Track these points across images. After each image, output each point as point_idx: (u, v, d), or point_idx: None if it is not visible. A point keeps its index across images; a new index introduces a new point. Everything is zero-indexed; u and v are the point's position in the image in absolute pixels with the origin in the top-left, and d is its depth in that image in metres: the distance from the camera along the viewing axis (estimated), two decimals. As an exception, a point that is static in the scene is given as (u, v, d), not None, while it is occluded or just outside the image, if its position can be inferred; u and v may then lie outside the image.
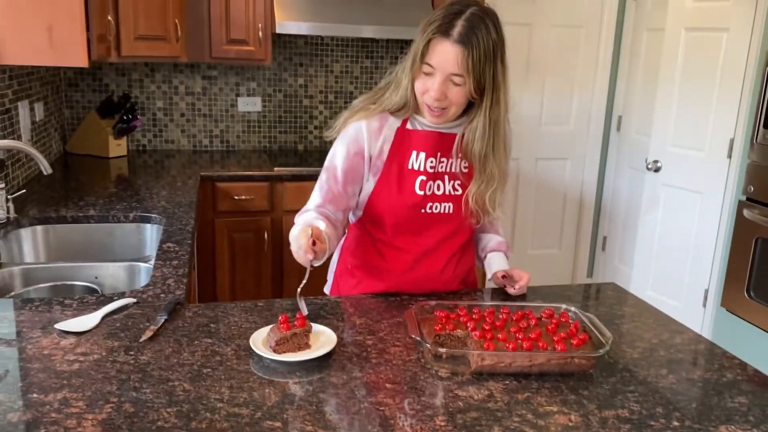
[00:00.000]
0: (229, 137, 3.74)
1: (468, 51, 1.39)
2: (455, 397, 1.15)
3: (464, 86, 1.44)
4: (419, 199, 1.57)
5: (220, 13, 3.21)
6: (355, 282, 1.69)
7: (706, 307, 3.33)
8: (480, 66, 1.41)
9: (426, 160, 1.56)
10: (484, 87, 1.45)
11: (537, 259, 4.46)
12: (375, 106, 1.56)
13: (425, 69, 1.45)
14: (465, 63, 1.40)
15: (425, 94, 1.47)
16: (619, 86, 4.21)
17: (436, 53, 1.42)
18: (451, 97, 1.46)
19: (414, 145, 1.56)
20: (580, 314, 1.40)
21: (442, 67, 1.42)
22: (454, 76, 1.43)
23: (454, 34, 1.39)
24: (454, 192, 1.59)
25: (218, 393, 1.12)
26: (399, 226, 1.61)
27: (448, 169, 1.58)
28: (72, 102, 3.49)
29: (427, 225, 1.60)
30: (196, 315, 1.44)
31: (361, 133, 1.55)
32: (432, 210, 1.59)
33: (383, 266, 1.65)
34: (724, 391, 1.22)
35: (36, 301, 1.48)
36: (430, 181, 1.57)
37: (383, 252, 1.65)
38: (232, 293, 3.23)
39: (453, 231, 1.63)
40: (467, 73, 1.41)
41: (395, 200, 1.57)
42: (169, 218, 2.23)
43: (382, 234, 1.63)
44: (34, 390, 1.11)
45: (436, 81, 1.44)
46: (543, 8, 4.02)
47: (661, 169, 3.42)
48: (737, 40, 3.03)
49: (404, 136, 1.56)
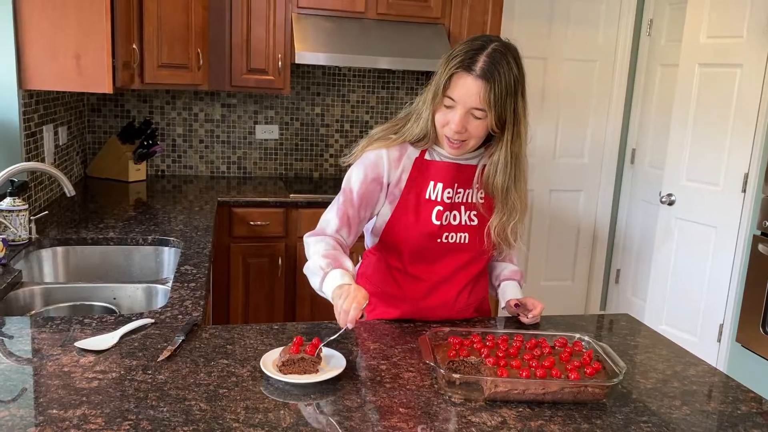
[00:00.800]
0: (246, 164, 3.80)
1: (490, 86, 1.42)
2: (468, 423, 1.16)
3: (485, 120, 1.47)
4: (436, 228, 1.58)
5: (240, 43, 3.29)
6: (371, 308, 1.71)
7: (720, 342, 3.29)
8: (502, 101, 1.44)
9: (444, 191, 1.58)
10: (505, 121, 1.48)
11: (550, 290, 4.45)
12: (396, 137, 1.58)
13: (447, 102, 1.47)
14: (487, 98, 1.42)
15: (445, 127, 1.50)
16: (633, 119, 4.24)
17: (458, 87, 1.45)
18: (471, 130, 1.48)
19: (432, 176, 1.58)
20: (593, 344, 1.40)
21: (463, 101, 1.45)
22: (475, 110, 1.45)
23: (477, 69, 1.42)
24: (470, 222, 1.61)
25: (233, 413, 1.14)
26: (415, 255, 1.62)
27: (465, 199, 1.61)
28: (94, 127, 3.57)
29: (442, 254, 1.62)
30: (213, 336, 1.46)
31: (381, 160, 1.57)
32: (448, 240, 1.60)
33: (398, 294, 1.66)
34: (738, 423, 1.22)
35: (56, 320, 1.51)
36: (447, 211, 1.59)
37: (398, 280, 1.66)
38: (245, 317, 3.25)
39: (468, 261, 1.64)
40: (489, 107, 1.44)
41: (412, 229, 1.59)
42: (187, 242, 2.26)
43: (397, 262, 1.65)
44: (54, 406, 1.13)
45: (457, 114, 1.46)
46: (558, 42, 4.08)
47: (675, 202, 3.42)
48: (751, 75, 3.05)
49: (423, 166, 1.59)
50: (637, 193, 4.24)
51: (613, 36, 4.16)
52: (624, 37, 4.14)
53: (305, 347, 1.30)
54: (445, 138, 1.52)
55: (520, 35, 3.96)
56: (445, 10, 3.49)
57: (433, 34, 3.46)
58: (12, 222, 2.05)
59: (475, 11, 3.52)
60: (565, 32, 4.08)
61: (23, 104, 2.42)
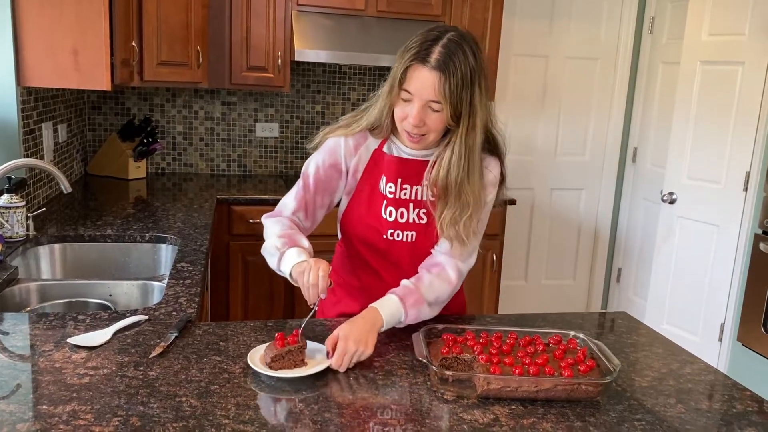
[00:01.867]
0: (246, 162, 3.80)
1: (445, 77, 1.38)
2: (460, 420, 1.15)
3: (442, 113, 1.43)
4: (384, 223, 1.58)
5: (240, 41, 3.28)
6: (336, 299, 1.72)
7: (722, 341, 3.28)
8: (458, 92, 1.40)
9: (386, 185, 1.57)
10: (461, 113, 1.43)
11: (551, 289, 4.44)
12: (355, 125, 1.58)
13: (404, 96, 1.45)
14: (442, 89, 1.39)
15: (404, 121, 1.47)
16: (635, 118, 4.22)
17: (413, 80, 1.42)
18: (430, 123, 1.45)
19: (383, 170, 1.58)
20: (588, 341, 1.39)
21: (419, 94, 1.42)
22: (432, 102, 1.42)
23: (432, 61, 1.39)
24: (419, 220, 1.58)
25: (224, 410, 1.13)
26: (368, 247, 1.63)
27: (413, 196, 1.57)
28: (94, 125, 3.57)
29: (390, 251, 1.61)
30: (206, 333, 1.46)
31: (339, 147, 1.58)
32: (394, 237, 1.59)
33: (357, 284, 1.68)
34: (733, 422, 1.21)
35: (50, 316, 1.51)
36: (391, 207, 1.57)
37: (357, 270, 1.68)
38: (244, 315, 3.24)
39: (415, 260, 1.60)
40: (444, 99, 1.40)
41: (363, 221, 1.60)
42: (185, 239, 2.26)
43: (355, 252, 1.67)
44: (44, 402, 1.12)
45: (415, 107, 1.43)
46: (559, 40, 4.06)
47: (677, 201, 3.41)
48: (753, 73, 3.04)
49: (379, 158, 1.59)
50: (638, 192, 4.22)
51: (615, 34, 4.14)
52: (626, 34, 4.13)
53: (287, 339, 1.31)
54: (405, 132, 1.50)
55: (522, 33, 3.95)
56: (446, 8, 3.48)
57: (433, 31, 3.44)
58: (9, 219, 2.05)
59: (476, 9, 3.51)
60: (567, 30, 4.06)
61: (22, 101, 2.42)
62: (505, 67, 3.89)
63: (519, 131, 4.13)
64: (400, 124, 1.49)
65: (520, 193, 4.09)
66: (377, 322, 1.41)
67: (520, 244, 4.29)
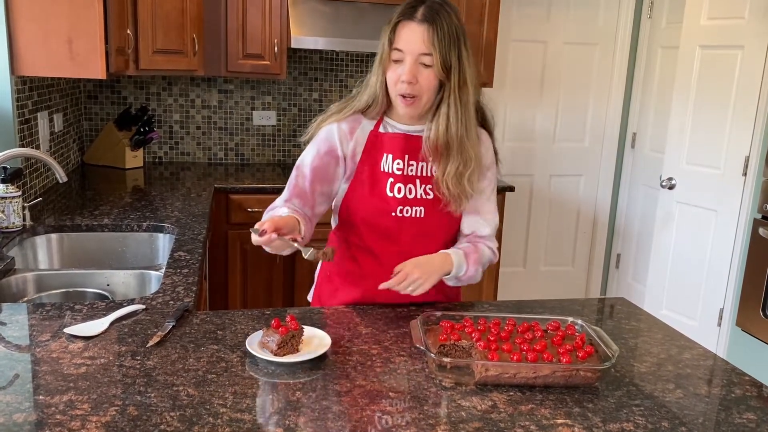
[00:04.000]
0: (243, 150, 3.78)
1: (433, 28, 1.46)
2: (458, 407, 1.15)
3: (433, 68, 1.48)
4: (391, 200, 1.59)
5: (236, 28, 3.25)
6: (334, 288, 1.72)
7: (720, 326, 3.28)
8: (446, 43, 1.47)
9: (394, 162, 1.59)
10: (450, 66, 1.49)
11: (550, 275, 4.44)
12: (347, 109, 1.61)
13: (395, 56, 1.50)
14: (431, 39, 1.46)
15: (398, 84, 1.51)
16: (634, 103, 4.20)
17: (403, 35, 1.48)
18: (422, 81, 1.49)
19: (385, 148, 1.60)
20: (586, 327, 1.39)
21: (410, 49, 1.48)
22: (423, 56, 1.47)
23: (419, 15, 1.48)
24: (426, 196, 1.60)
25: (222, 398, 1.13)
26: (371, 229, 1.62)
27: (420, 173, 1.60)
28: (91, 114, 3.55)
29: (398, 229, 1.61)
30: (204, 322, 1.45)
31: (332, 134, 1.60)
32: (403, 214, 1.60)
33: (357, 271, 1.67)
34: (732, 407, 1.21)
35: (47, 306, 1.50)
36: (400, 183, 1.59)
37: (357, 257, 1.67)
38: (243, 304, 3.24)
39: (426, 236, 1.62)
40: (434, 49, 1.46)
41: (367, 202, 1.60)
42: (182, 228, 2.25)
43: (356, 238, 1.66)
44: (41, 392, 1.12)
45: (407, 63, 1.48)
46: (557, 25, 4.03)
47: (676, 186, 3.40)
48: (752, 57, 3.02)
49: (376, 139, 1.60)
50: (637, 178, 4.21)
51: (614, 19, 4.11)
52: (624, 19, 4.10)
53: (288, 324, 1.30)
54: (398, 98, 1.52)
55: (520, 18, 3.92)
56: (443, -7, 3.44)
57: (430, 17, 3.41)
58: (5, 209, 2.04)
59: (473, -6, 3.48)
60: (565, 15, 4.03)
61: (16, 91, 2.40)
62: (504, 52, 3.86)
63: (517, 117, 4.11)
64: (394, 89, 1.52)
65: (518, 179, 4.07)
66: (446, 266, 1.53)
67: (518, 231, 4.29)
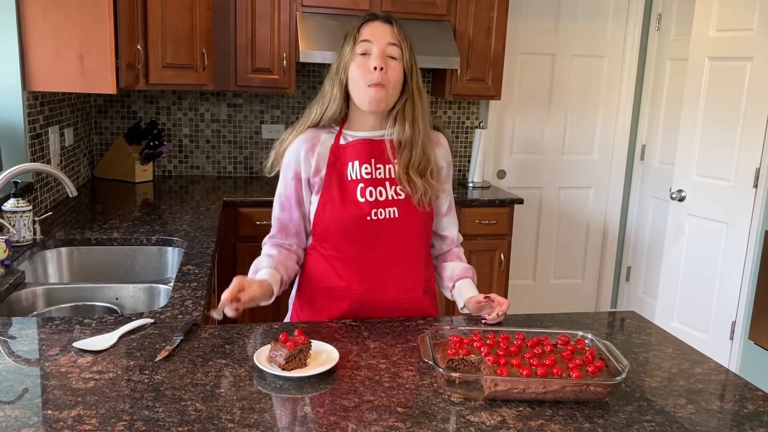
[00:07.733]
0: (252, 164, 3.80)
1: (397, 27, 1.58)
2: (467, 422, 1.14)
3: (400, 61, 1.56)
4: (363, 205, 1.59)
5: (245, 43, 3.28)
6: (315, 309, 1.70)
7: (733, 339, 3.25)
8: (407, 42, 1.58)
9: (361, 167, 1.61)
10: (412, 68, 1.58)
11: (560, 288, 4.42)
12: (300, 127, 1.65)
13: (362, 48, 1.55)
14: (396, 34, 1.56)
15: (367, 75, 1.53)
16: (643, 115, 4.19)
17: (369, 30, 1.57)
18: (390, 73, 1.54)
19: (349, 157, 1.62)
20: (596, 341, 1.38)
21: (378, 39, 1.55)
22: (390, 46, 1.55)
23: (381, 17, 1.59)
24: (397, 197, 1.62)
25: (229, 413, 1.12)
26: (348, 238, 1.62)
27: (388, 174, 1.63)
28: (101, 128, 3.58)
29: (375, 234, 1.61)
30: (212, 336, 1.45)
31: (292, 159, 1.64)
32: (378, 216, 1.60)
33: (340, 284, 1.64)
34: (745, 422, 1.19)
35: (56, 320, 1.51)
36: (371, 187, 1.60)
37: (338, 269, 1.64)
38: (251, 318, 3.24)
39: (403, 236, 1.63)
40: (402, 40, 1.56)
41: (341, 211, 1.60)
42: (191, 241, 2.26)
43: (333, 250, 1.64)
44: (50, 407, 1.12)
45: (376, 52, 1.54)
46: (566, 38, 4.04)
47: (686, 198, 3.38)
48: (761, 69, 3.01)
49: (339, 151, 1.62)
50: (647, 190, 4.19)
51: (622, 31, 4.11)
52: (633, 32, 4.10)
53: (295, 338, 1.30)
54: (367, 89, 1.54)
55: (527, 31, 3.93)
56: (451, 7, 3.47)
57: (438, 31, 3.43)
58: (16, 223, 2.05)
59: (481, 7, 3.49)
60: (573, 28, 4.04)
61: (28, 106, 2.42)
62: (511, 65, 3.87)
63: (526, 130, 4.11)
64: (362, 82, 1.55)
65: (527, 192, 4.07)
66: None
67: (528, 244, 4.27)
